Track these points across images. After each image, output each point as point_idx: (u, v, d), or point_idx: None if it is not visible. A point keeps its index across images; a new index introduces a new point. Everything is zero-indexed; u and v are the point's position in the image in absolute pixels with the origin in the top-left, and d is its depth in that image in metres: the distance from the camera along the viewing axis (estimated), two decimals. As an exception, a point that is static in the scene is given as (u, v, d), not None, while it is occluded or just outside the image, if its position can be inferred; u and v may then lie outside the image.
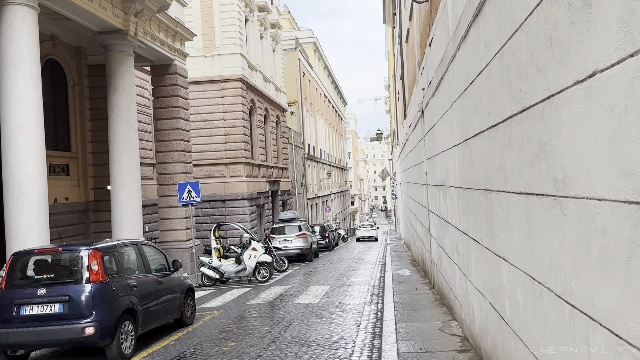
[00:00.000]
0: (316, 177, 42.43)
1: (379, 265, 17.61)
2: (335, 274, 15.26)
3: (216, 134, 22.72)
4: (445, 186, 7.63)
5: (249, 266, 13.71)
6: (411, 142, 15.52)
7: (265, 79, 27.30)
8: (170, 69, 16.14)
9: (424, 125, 10.88)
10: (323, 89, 49.44)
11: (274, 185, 27.38)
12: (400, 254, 20.19)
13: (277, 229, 20.06)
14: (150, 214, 18.03)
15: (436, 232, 9.53)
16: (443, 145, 7.66)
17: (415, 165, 14.52)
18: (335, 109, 58.16)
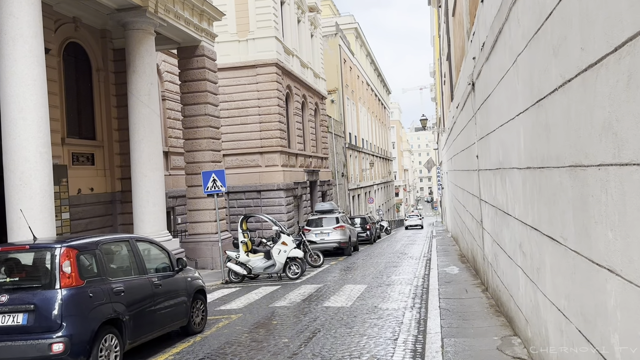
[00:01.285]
0: (358, 168, 41.02)
1: (423, 260, 16.14)
2: (374, 270, 13.92)
3: (251, 121, 21.73)
4: (504, 169, 6.17)
5: (279, 262, 12.57)
6: (459, 125, 13.93)
7: (302, 65, 26.10)
8: (197, 51, 15.15)
9: (474, 100, 9.36)
10: (365, 77, 47.83)
11: (312, 176, 26.22)
12: (447, 248, 18.61)
13: (313, 221, 18.86)
14: (183, 205, 17.22)
15: (491, 225, 8.04)
16: (500, 119, 6.20)
17: (463, 150, 12.94)
18: (378, 97, 56.39)
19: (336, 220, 18.58)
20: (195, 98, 15.12)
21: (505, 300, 6.72)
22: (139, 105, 11.95)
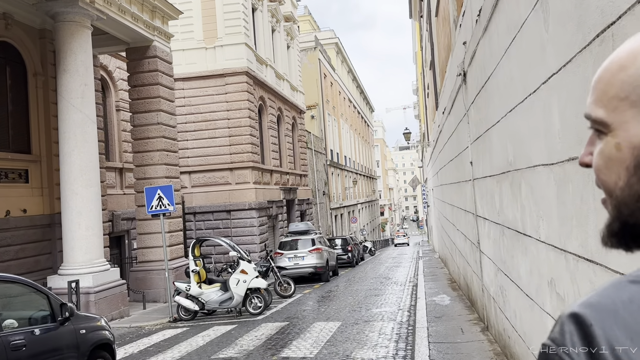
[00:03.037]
0: (341, 186, 39.26)
1: (409, 286, 14.27)
2: (352, 300, 12.01)
3: (220, 135, 19.87)
4: (517, 170, 4.40)
5: (237, 294, 10.60)
6: (446, 132, 12.24)
7: (278, 76, 24.44)
8: (148, 51, 13.35)
9: (466, 94, 7.65)
10: (347, 93, 46.41)
11: (289, 194, 24.35)
12: (434, 271, 16.79)
13: (286, 243, 16.93)
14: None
15: (493, 249, 6.24)
16: (509, 101, 4.46)
17: (452, 160, 11.22)
18: (361, 115, 55.01)
19: (312, 242, 16.68)
20: (147, 105, 13.27)
21: (521, 354, 4.88)
22: (70, 110, 10.07)
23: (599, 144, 0.62)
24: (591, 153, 0.64)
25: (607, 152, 0.60)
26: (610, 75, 0.60)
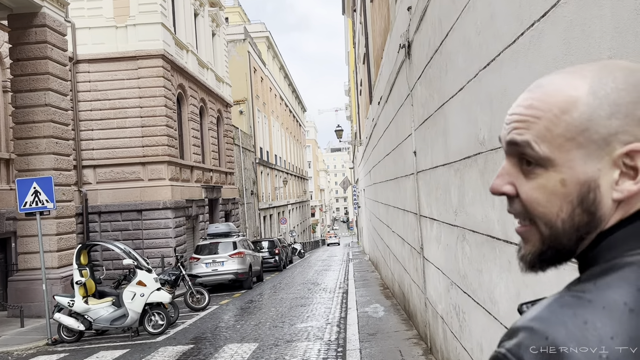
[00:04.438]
0: (270, 186, 37.62)
1: (339, 293, 12.96)
2: (274, 313, 10.50)
3: (131, 125, 17.67)
4: (496, 151, 3.08)
5: (133, 311, 8.75)
6: (382, 123, 11.04)
7: (201, 64, 22.47)
8: (36, 19, 11.16)
9: (411, 70, 6.36)
10: (279, 90, 44.84)
11: (212, 192, 22.43)
12: (365, 275, 15.63)
13: (204, 247, 15.13)
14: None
15: (444, 257, 4.94)
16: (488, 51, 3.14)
17: (389, 154, 10.00)
18: (293, 113, 53.62)
19: (234, 246, 14.99)
20: (32, 83, 11.07)
21: (489, 404, 3.57)
22: None
23: (535, 178, 0.64)
24: (512, 183, 0.66)
25: (550, 187, 0.63)
26: (552, 116, 0.62)
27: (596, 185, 0.62)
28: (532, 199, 0.65)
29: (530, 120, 0.64)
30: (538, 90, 0.66)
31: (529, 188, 0.65)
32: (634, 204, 0.63)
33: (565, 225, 0.63)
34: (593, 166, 0.61)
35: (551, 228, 0.64)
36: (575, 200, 0.62)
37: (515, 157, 0.66)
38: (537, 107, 0.64)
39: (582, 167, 0.62)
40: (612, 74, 0.63)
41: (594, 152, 0.61)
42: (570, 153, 0.62)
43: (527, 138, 0.64)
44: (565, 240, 0.64)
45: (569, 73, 0.65)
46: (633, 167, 0.61)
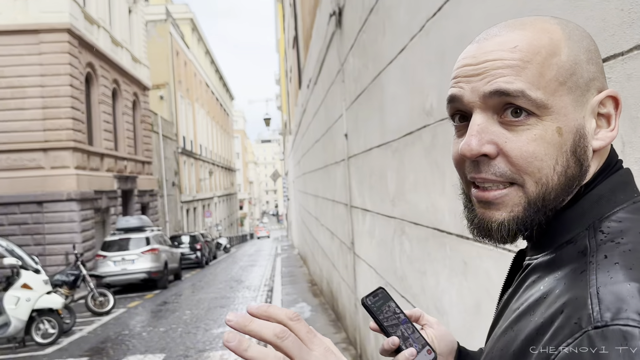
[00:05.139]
0: (195, 177, 35.84)
1: (263, 292, 12.03)
2: (190, 316, 9.40)
3: (31, 106, 15.69)
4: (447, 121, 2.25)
5: (16, 318, 7.37)
6: (312, 107, 10.19)
7: (115, 42, 20.55)
8: None
9: (342, 41, 5.50)
10: (204, 76, 42.89)
11: (127, 183, 20.67)
12: (293, 270, 14.80)
13: (112, 243, 13.62)
14: None
15: (379, 254, 4.14)
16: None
17: (318, 141, 9.17)
18: (220, 102, 51.69)
19: (146, 241, 13.61)
20: None
21: None
22: None
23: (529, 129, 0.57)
24: (492, 142, 0.58)
25: (548, 137, 0.57)
26: (542, 59, 0.57)
27: (584, 133, 0.58)
28: (529, 154, 0.57)
29: (520, 65, 0.57)
30: (513, 33, 0.59)
31: (524, 142, 0.57)
32: (604, 154, 0.61)
33: (560, 179, 0.57)
34: (579, 113, 0.58)
35: (545, 185, 0.57)
36: (569, 150, 0.57)
37: (492, 110, 0.58)
38: (525, 49, 0.57)
39: (573, 114, 0.58)
40: (569, 22, 0.60)
41: (579, 98, 0.58)
42: (563, 99, 0.57)
43: (520, 86, 0.56)
44: (556, 198, 0.58)
45: (527, 21, 0.60)
46: (606, 115, 0.59)
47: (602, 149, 0.60)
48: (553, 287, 0.53)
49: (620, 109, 0.60)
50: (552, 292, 0.53)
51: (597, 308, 0.46)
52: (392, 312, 0.73)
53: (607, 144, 0.59)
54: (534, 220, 0.58)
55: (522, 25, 0.59)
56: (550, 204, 0.58)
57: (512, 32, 0.59)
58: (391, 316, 0.72)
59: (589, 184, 0.59)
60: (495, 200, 0.59)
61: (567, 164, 0.57)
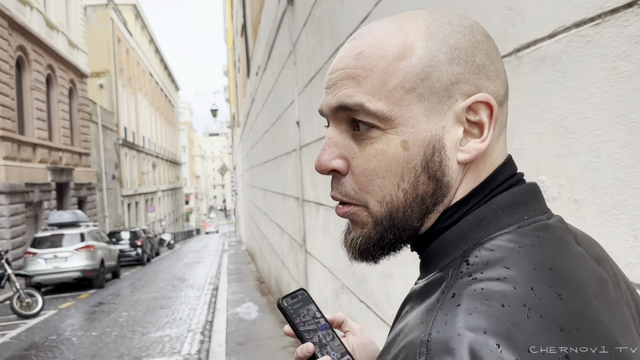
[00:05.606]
0: (137, 170, 34.38)
1: (208, 290, 11.46)
2: (126, 318, 8.72)
3: (-50, 90, 14.33)
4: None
5: None
6: (261, 96, 9.70)
7: (50, 25, 19.19)
8: None
9: (294, 18, 5.07)
10: (148, 65, 41.23)
11: (62, 176, 19.39)
12: (240, 267, 14.27)
13: (43, 239, 12.59)
14: None
15: (334, 254, 3.77)
16: None
17: (267, 131, 8.70)
18: (165, 92, 49.94)
19: (81, 238, 12.68)
20: None
21: None
22: None
23: (371, 144, 0.51)
24: (343, 157, 0.53)
25: (390, 152, 0.51)
26: (387, 64, 0.50)
27: (441, 145, 0.51)
28: (370, 171, 0.52)
29: (361, 75, 0.51)
30: (367, 35, 0.53)
31: (366, 158, 0.52)
32: (482, 169, 0.53)
33: (407, 197, 0.51)
34: (436, 123, 0.51)
35: (390, 203, 0.52)
36: (419, 165, 0.51)
37: (344, 122, 0.53)
38: (369, 55, 0.51)
39: (425, 125, 0.50)
40: (445, 17, 0.53)
41: (436, 106, 0.50)
42: (411, 108, 0.50)
43: (359, 99, 0.51)
44: (407, 217, 0.52)
45: (399, 16, 0.54)
46: (477, 123, 0.51)
47: (478, 162, 0.52)
48: (408, 323, 0.47)
49: (497, 116, 0.50)
50: (403, 330, 0.46)
51: (416, 352, 0.40)
52: (311, 317, 0.69)
53: (473, 157, 0.51)
54: (385, 239, 0.53)
55: (388, 23, 0.53)
56: (400, 223, 0.52)
57: (368, 34, 0.53)
58: (309, 320, 0.68)
59: (464, 202, 0.52)
60: (345, 216, 0.55)
61: (416, 181, 0.51)
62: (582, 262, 0.49)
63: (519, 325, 0.40)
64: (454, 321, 0.41)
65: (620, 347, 0.42)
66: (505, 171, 0.54)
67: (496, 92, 0.52)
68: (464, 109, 0.50)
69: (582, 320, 0.42)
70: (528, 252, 0.46)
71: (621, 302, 0.50)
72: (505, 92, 0.54)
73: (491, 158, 0.53)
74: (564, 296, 0.43)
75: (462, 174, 0.52)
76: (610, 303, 0.47)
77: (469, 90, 0.50)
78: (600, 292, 0.47)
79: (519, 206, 0.51)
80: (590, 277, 0.48)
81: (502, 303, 0.41)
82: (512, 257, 0.46)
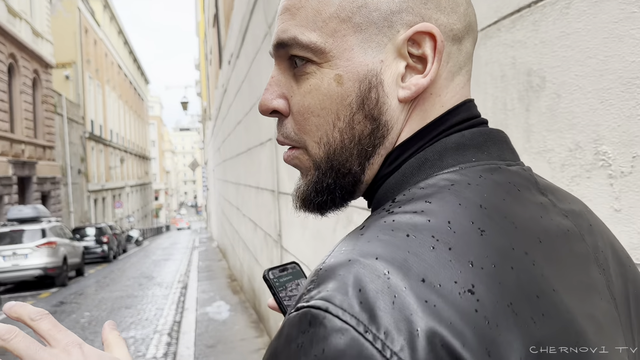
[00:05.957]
0: (104, 164, 33.37)
1: (177, 289, 11.01)
2: (88, 319, 8.24)
3: None
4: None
5: None
6: (234, 84, 9.31)
7: (12, 12, 18.29)
8: None
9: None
10: (116, 57, 40.09)
11: (24, 169, 18.55)
12: (211, 265, 13.83)
13: (2, 235, 11.90)
14: None
15: (313, 249, 3.46)
16: None
17: (241, 122, 8.33)
18: (134, 85, 48.72)
19: (42, 234, 12.05)
20: None
21: None
22: None
23: (307, 79, 0.47)
24: (284, 96, 0.50)
25: (324, 88, 0.47)
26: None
27: (378, 81, 0.46)
28: (305, 108, 0.48)
29: (296, 5, 0.47)
30: None
31: (301, 95, 0.48)
32: (429, 109, 0.48)
33: (344, 137, 0.47)
34: (374, 56, 0.46)
35: (327, 144, 0.48)
36: (355, 102, 0.46)
37: (285, 60, 0.50)
38: None
39: (361, 58, 0.46)
40: None
41: (374, 37, 0.46)
42: (346, 40, 0.46)
43: (292, 33, 0.47)
44: (345, 160, 0.48)
45: None
46: (420, 57, 0.46)
47: (425, 101, 0.47)
48: None
49: (441, 49, 0.45)
50: None
51: (309, 282, 0.38)
52: None
53: (413, 94, 0.46)
54: (323, 183, 0.49)
55: None
56: (338, 165, 0.48)
57: None
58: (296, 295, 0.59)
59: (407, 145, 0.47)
60: (289, 161, 0.51)
61: (351, 119, 0.47)
62: (534, 208, 0.44)
63: (419, 255, 0.36)
64: (350, 249, 0.38)
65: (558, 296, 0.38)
66: (461, 113, 0.48)
67: (449, 26, 0.46)
68: (405, 40, 0.45)
69: (506, 259, 0.38)
70: (460, 189, 0.42)
71: (588, 261, 0.45)
72: (465, 27, 0.47)
73: (440, 98, 0.47)
74: (488, 233, 0.39)
75: (406, 113, 0.48)
76: (564, 256, 0.43)
77: (413, 20, 0.45)
78: (551, 241, 0.42)
79: (468, 148, 0.46)
80: (540, 224, 0.43)
81: (407, 233, 0.38)
82: (440, 193, 0.41)
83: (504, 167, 0.46)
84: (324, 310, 0.35)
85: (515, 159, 0.49)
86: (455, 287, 0.35)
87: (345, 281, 0.35)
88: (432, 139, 0.47)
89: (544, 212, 0.45)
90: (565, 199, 0.50)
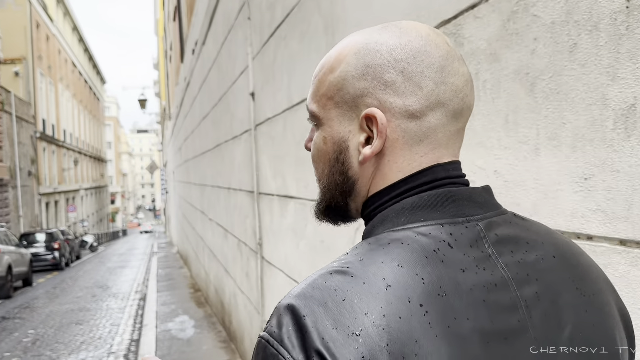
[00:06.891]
0: (57, 166, 31.53)
1: (134, 301, 10.07)
2: (33, 337, 7.25)
3: None
4: None
5: None
6: (199, 73, 8.50)
7: (-50, -2, 16.78)
8: None
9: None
10: (71, 55, 38.17)
11: (-36, 170, 17.01)
12: (172, 273, 12.87)
13: None
14: None
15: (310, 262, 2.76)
16: None
17: (207, 115, 7.52)
18: (89, 84, 46.62)
19: (-18, 241, 10.85)
20: None
21: None
22: None
23: (314, 134, 0.64)
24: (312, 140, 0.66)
25: (317, 144, 0.63)
26: (323, 75, 0.62)
27: (346, 146, 0.61)
28: (312, 155, 0.65)
29: (313, 82, 0.64)
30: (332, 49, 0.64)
31: (312, 144, 0.65)
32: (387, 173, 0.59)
33: (328, 181, 0.63)
34: (345, 127, 0.60)
35: (322, 182, 0.65)
36: (332, 159, 0.62)
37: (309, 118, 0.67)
38: (320, 64, 0.63)
39: (337, 127, 0.61)
40: (382, 33, 0.59)
41: (346, 113, 0.60)
42: (329, 112, 0.61)
43: (307, 101, 0.65)
44: (329, 196, 0.64)
45: (367, 30, 0.61)
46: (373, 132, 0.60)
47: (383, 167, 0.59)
48: None
49: (381, 128, 0.56)
50: None
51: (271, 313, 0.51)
52: None
53: (363, 160, 0.59)
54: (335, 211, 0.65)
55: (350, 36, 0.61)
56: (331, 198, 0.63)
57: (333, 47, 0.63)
58: None
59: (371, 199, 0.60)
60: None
61: (331, 170, 0.62)
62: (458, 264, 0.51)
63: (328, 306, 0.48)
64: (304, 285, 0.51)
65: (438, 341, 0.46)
66: (422, 178, 0.57)
67: (404, 107, 0.56)
68: (362, 118, 0.57)
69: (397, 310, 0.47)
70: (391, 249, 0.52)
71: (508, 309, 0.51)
72: (429, 105, 0.56)
73: (397, 164, 0.58)
74: (393, 287, 0.48)
75: (371, 172, 0.59)
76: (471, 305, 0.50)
77: (371, 103, 0.57)
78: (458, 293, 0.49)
79: (422, 209, 0.55)
80: (455, 278, 0.50)
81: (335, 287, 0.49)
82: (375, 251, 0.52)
83: (448, 224, 0.53)
84: (266, 340, 0.48)
85: (477, 213, 0.56)
86: (346, 330, 0.46)
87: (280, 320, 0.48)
88: (392, 199, 0.57)
89: (472, 265, 0.51)
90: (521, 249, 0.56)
